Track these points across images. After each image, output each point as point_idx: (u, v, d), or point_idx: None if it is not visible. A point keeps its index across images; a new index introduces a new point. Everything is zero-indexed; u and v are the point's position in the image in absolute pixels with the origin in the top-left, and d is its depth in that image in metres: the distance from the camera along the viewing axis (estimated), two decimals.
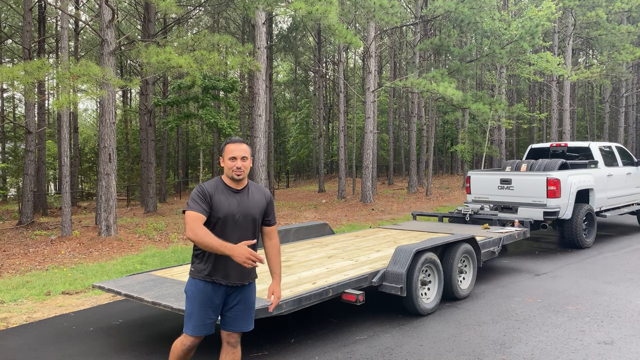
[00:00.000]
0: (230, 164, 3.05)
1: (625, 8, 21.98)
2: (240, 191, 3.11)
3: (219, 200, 3.01)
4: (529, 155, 11.15)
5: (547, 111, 29.25)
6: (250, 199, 3.11)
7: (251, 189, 3.17)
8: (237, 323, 3.14)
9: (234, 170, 3.04)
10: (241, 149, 3.07)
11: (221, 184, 3.10)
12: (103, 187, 10.90)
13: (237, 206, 3.04)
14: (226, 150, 3.08)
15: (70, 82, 9.92)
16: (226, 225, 3.01)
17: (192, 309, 3.07)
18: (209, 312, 3.07)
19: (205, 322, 3.07)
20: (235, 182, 3.09)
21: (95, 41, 27.40)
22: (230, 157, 3.05)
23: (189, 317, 3.08)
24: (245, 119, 29.62)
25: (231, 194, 3.07)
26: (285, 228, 7.15)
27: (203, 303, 3.05)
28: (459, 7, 17.04)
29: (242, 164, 3.05)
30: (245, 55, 11.93)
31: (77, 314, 5.63)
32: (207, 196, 2.99)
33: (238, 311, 3.13)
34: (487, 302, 5.69)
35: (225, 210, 3.00)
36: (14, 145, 31.90)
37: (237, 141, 3.10)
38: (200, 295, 3.05)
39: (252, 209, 3.09)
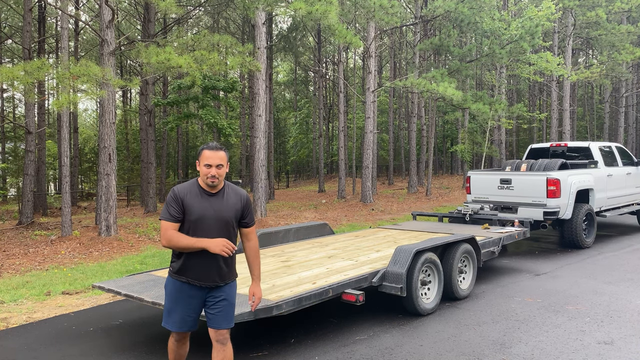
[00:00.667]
0: (205, 171, 3.06)
1: (625, 8, 21.98)
2: (215, 194, 3.13)
3: (191, 204, 3.05)
4: (529, 155, 11.14)
5: (547, 111, 29.26)
6: (224, 202, 3.12)
7: (227, 191, 3.18)
8: (218, 320, 3.16)
9: (209, 177, 3.06)
10: (217, 157, 3.06)
11: (196, 187, 3.12)
12: (103, 187, 10.90)
13: (210, 209, 3.06)
14: (202, 156, 3.08)
15: (70, 82, 9.92)
16: (199, 228, 3.04)
17: (170, 305, 3.16)
18: (187, 309, 3.13)
19: (185, 320, 3.15)
20: (210, 187, 3.12)
21: (95, 41, 27.40)
22: (205, 164, 3.06)
23: (168, 313, 3.17)
24: (245, 119, 29.61)
25: (205, 197, 3.10)
26: (285, 228, 7.15)
27: (179, 301, 3.13)
28: (459, 7, 17.04)
29: (217, 172, 3.06)
30: (245, 55, 11.92)
31: (77, 314, 5.63)
32: (178, 200, 3.05)
33: (219, 309, 3.16)
34: (487, 302, 5.69)
35: (198, 213, 3.04)
36: (14, 145, 31.90)
37: (214, 148, 3.09)
38: (176, 294, 3.13)
39: (225, 212, 3.10)
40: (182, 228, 3.07)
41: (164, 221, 3.04)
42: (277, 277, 4.97)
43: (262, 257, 6.09)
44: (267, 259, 5.91)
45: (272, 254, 6.24)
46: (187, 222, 3.04)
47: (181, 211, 3.04)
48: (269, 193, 23.04)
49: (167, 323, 3.19)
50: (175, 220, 3.03)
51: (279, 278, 4.94)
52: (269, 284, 4.73)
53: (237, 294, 4.38)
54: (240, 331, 4.87)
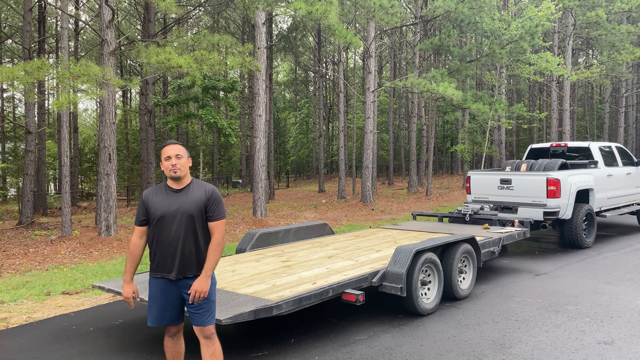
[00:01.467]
0: (166, 164, 3.22)
1: (625, 8, 21.98)
2: (181, 190, 3.26)
3: (155, 201, 3.23)
4: (529, 155, 11.14)
5: (547, 111, 29.25)
6: (188, 197, 3.23)
7: (193, 186, 3.29)
8: (196, 317, 3.24)
9: (170, 168, 3.20)
10: (174, 148, 3.25)
11: (163, 187, 3.30)
12: (103, 187, 10.89)
13: (173, 205, 3.20)
14: (162, 153, 3.27)
15: (70, 82, 9.92)
16: (162, 224, 3.19)
17: (150, 301, 3.30)
18: (164, 304, 3.26)
19: (162, 315, 3.27)
20: (175, 181, 3.25)
21: (95, 41, 27.40)
22: (165, 157, 3.23)
23: (149, 310, 3.31)
24: (245, 119, 29.63)
25: (171, 194, 3.25)
26: (285, 228, 7.15)
27: (155, 296, 3.27)
28: (459, 7, 17.04)
29: (178, 161, 3.21)
30: (245, 55, 11.92)
31: (77, 314, 5.63)
32: (143, 202, 3.27)
33: (199, 306, 3.22)
34: (487, 302, 5.69)
35: (162, 210, 3.19)
36: (14, 145, 31.91)
37: (171, 143, 3.29)
38: (152, 290, 3.29)
39: (188, 205, 3.20)
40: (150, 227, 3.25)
41: (135, 227, 3.31)
42: (277, 277, 4.98)
43: (262, 257, 6.09)
44: (267, 259, 5.91)
45: (272, 254, 6.24)
46: (153, 218, 3.21)
47: (145, 213, 3.24)
48: (269, 193, 23.04)
49: (149, 320, 3.31)
50: (140, 224, 3.27)
51: (279, 278, 4.94)
52: (269, 284, 4.73)
53: (237, 294, 4.40)
54: (240, 331, 4.87)
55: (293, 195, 26.57)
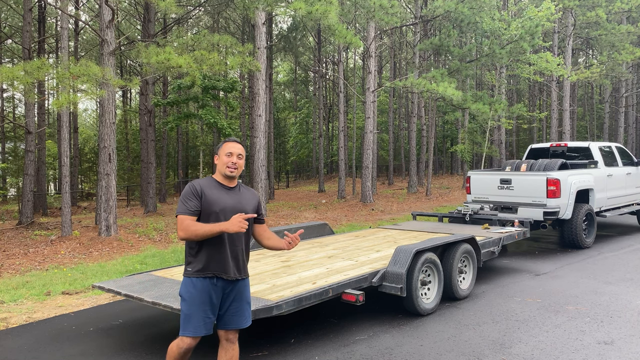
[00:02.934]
0: (225, 159, 3.13)
1: (625, 8, 21.98)
2: (233, 189, 3.19)
3: (213, 195, 3.08)
4: (529, 155, 11.14)
5: (547, 111, 29.24)
6: (243, 196, 3.21)
7: (242, 188, 3.27)
8: (236, 320, 3.18)
9: (229, 165, 3.12)
10: (239, 148, 3.20)
11: (213, 182, 3.17)
12: (103, 187, 10.89)
13: (231, 201, 3.12)
14: (224, 147, 3.18)
15: (70, 82, 9.92)
16: (223, 219, 3.04)
17: (190, 309, 3.05)
18: (207, 311, 3.07)
19: (205, 322, 3.08)
20: (228, 179, 3.17)
21: (95, 41, 27.40)
22: (227, 153, 3.14)
23: (187, 319, 3.06)
24: (245, 119, 29.62)
25: (224, 190, 3.15)
26: (285, 228, 7.14)
27: (202, 302, 3.05)
28: (459, 7, 17.04)
29: (238, 161, 3.15)
30: (245, 55, 11.92)
31: (77, 314, 5.63)
32: (198, 193, 3.06)
33: (235, 308, 3.16)
34: (487, 302, 5.69)
35: (221, 205, 3.07)
36: (14, 145, 31.91)
37: (236, 141, 3.22)
38: (198, 295, 3.05)
39: (246, 205, 3.17)
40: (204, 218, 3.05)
41: (182, 215, 3.02)
42: (277, 277, 4.97)
43: (262, 257, 6.09)
44: (267, 259, 5.91)
45: (272, 254, 6.24)
46: (210, 212, 3.04)
47: (199, 205, 3.04)
48: (269, 193, 23.04)
49: (187, 330, 3.05)
50: (193, 214, 3.03)
51: (279, 278, 4.94)
52: (269, 284, 4.73)
53: None
54: (240, 331, 4.87)
55: (293, 195, 26.57)
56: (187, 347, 3.10)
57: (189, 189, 3.08)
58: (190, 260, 3.11)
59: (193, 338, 3.08)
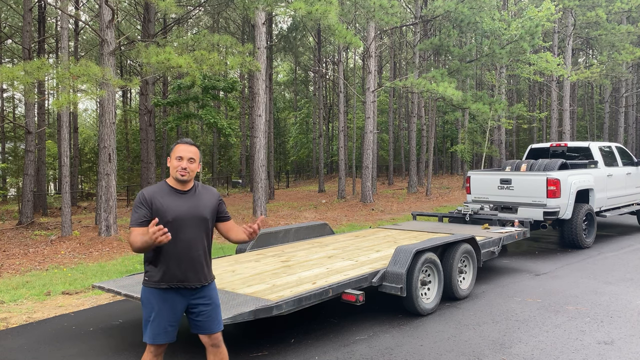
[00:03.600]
0: (176, 164, 2.99)
1: (625, 8, 21.98)
2: (187, 192, 3.05)
3: (164, 203, 2.94)
4: (529, 155, 11.14)
5: (547, 111, 29.25)
6: (198, 200, 3.05)
7: (198, 189, 3.11)
8: (209, 325, 3.07)
9: (179, 170, 2.97)
10: (190, 151, 3.01)
11: (165, 187, 3.03)
12: (103, 187, 10.90)
13: (185, 207, 2.97)
14: (175, 150, 3.03)
15: (70, 82, 9.92)
16: (176, 228, 2.92)
17: (150, 316, 2.98)
18: (170, 319, 2.98)
19: (166, 331, 2.99)
20: (181, 183, 3.02)
21: (95, 41, 27.40)
22: (177, 157, 2.99)
23: (146, 325, 3.00)
24: (245, 119, 29.64)
25: (178, 195, 3.00)
26: (285, 228, 7.15)
27: (161, 311, 2.96)
28: (459, 7, 17.04)
29: (188, 166, 2.99)
30: (245, 55, 11.92)
31: (77, 314, 5.62)
32: (147, 202, 2.93)
33: (207, 313, 3.06)
34: (487, 302, 5.69)
35: (174, 213, 2.93)
36: (14, 145, 31.91)
37: (187, 142, 3.04)
38: (157, 305, 2.96)
39: (202, 209, 3.03)
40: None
41: (132, 227, 2.88)
42: (277, 277, 4.97)
43: (262, 257, 6.09)
44: (267, 259, 5.91)
45: (272, 254, 6.24)
46: (163, 221, 2.89)
47: (150, 214, 2.91)
48: (269, 193, 23.04)
49: (149, 337, 2.98)
50: (142, 225, 2.88)
51: (279, 278, 4.94)
52: (269, 284, 4.73)
53: (237, 294, 4.40)
54: (240, 331, 4.87)
55: (293, 195, 26.57)
56: (155, 354, 3.03)
57: (138, 198, 2.95)
58: (148, 269, 3.00)
59: (155, 346, 3.01)
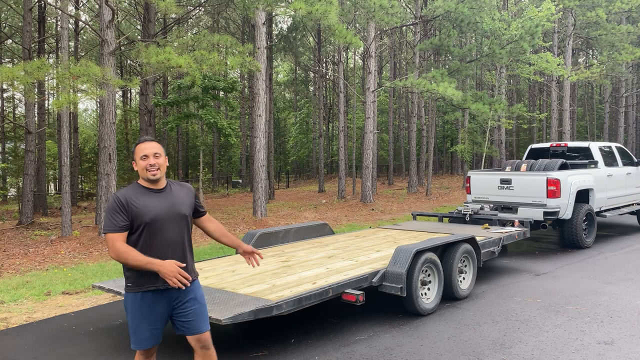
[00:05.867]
0: (142, 164, 2.88)
1: (625, 8, 21.98)
2: (162, 190, 2.95)
3: (140, 204, 2.84)
4: (529, 155, 11.14)
5: (547, 111, 29.25)
6: (175, 197, 2.97)
7: (172, 186, 3.03)
8: (197, 325, 2.98)
9: (148, 168, 2.87)
10: (152, 147, 2.91)
11: (139, 188, 2.93)
12: (103, 187, 10.89)
13: (163, 206, 2.89)
14: (136, 151, 2.92)
15: (70, 82, 9.92)
16: (155, 228, 2.85)
17: (134, 323, 2.91)
18: (154, 322, 2.91)
19: (153, 334, 2.92)
20: (153, 182, 2.92)
21: (95, 41, 27.40)
22: (141, 156, 2.89)
23: (133, 332, 2.93)
24: (245, 119, 29.64)
25: (153, 195, 2.91)
26: (285, 228, 7.15)
27: (145, 316, 2.88)
28: (459, 7, 17.04)
29: (156, 161, 2.89)
30: (245, 55, 11.92)
31: (77, 314, 5.63)
32: (123, 205, 2.82)
33: (193, 312, 2.96)
34: (487, 302, 5.69)
35: (152, 213, 2.84)
36: (14, 145, 31.90)
37: (147, 140, 2.94)
38: (141, 309, 2.88)
39: (179, 205, 2.95)
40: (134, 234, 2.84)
41: (111, 234, 2.78)
42: (277, 277, 4.97)
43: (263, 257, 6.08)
44: (267, 259, 5.91)
45: (272, 254, 6.24)
46: (140, 223, 2.81)
47: (128, 217, 2.81)
48: (269, 193, 23.04)
49: (135, 343, 2.92)
50: (122, 230, 2.79)
51: (279, 278, 4.94)
52: (269, 284, 4.73)
53: (237, 294, 4.40)
54: (240, 331, 4.87)
55: (293, 195, 26.56)
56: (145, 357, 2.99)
57: (113, 202, 2.83)
58: (128, 275, 2.90)
59: (143, 351, 2.96)
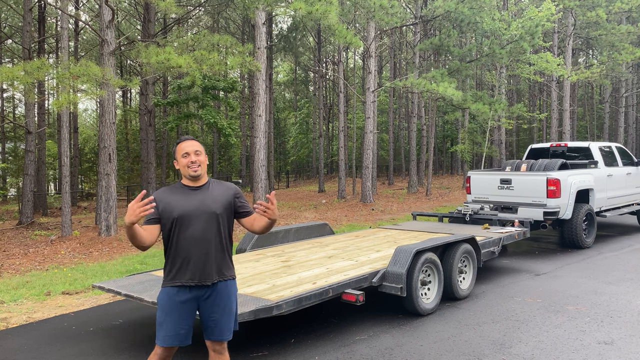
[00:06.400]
0: (184, 162, 2.97)
1: (625, 8, 21.98)
2: (200, 188, 3.02)
3: (172, 201, 2.94)
4: (529, 155, 11.14)
5: (547, 111, 29.25)
6: (209, 195, 3.01)
7: (212, 185, 3.07)
8: (216, 331, 2.99)
9: (189, 165, 2.96)
10: (193, 144, 3.00)
11: (178, 186, 3.03)
12: (103, 187, 10.89)
13: (194, 203, 2.95)
14: (177, 149, 3.02)
15: (70, 82, 9.92)
16: (183, 224, 2.91)
17: (162, 317, 2.94)
18: (180, 320, 2.93)
19: (178, 332, 2.92)
20: (193, 179, 3.00)
21: (95, 41, 27.41)
22: (183, 154, 2.98)
23: (159, 327, 2.95)
24: (245, 119, 29.64)
25: (190, 192, 2.99)
26: (285, 228, 7.15)
27: (172, 311, 2.92)
28: (459, 7, 17.04)
29: (197, 158, 2.97)
30: (245, 55, 11.93)
31: (77, 314, 5.63)
32: (155, 201, 2.92)
33: (215, 318, 2.98)
34: (487, 302, 5.69)
35: (180, 209, 2.92)
36: (14, 145, 31.91)
37: (187, 139, 3.03)
38: (169, 303, 2.93)
39: (211, 203, 2.98)
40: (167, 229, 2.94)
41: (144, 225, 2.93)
42: (277, 277, 4.98)
43: (262, 257, 6.09)
44: (267, 259, 5.91)
45: (272, 254, 6.24)
46: (169, 219, 2.92)
47: (157, 212, 2.92)
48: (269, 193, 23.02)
49: (158, 338, 2.94)
50: (147, 222, 2.91)
51: (279, 278, 4.94)
52: (269, 284, 4.73)
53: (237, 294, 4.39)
54: (241, 331, 4.87)
55: (293, 195, 26.56)
56: (159, 357, 2.97)
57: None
58: (164, 267, 3.02)
59: (164, 348, 2.95)
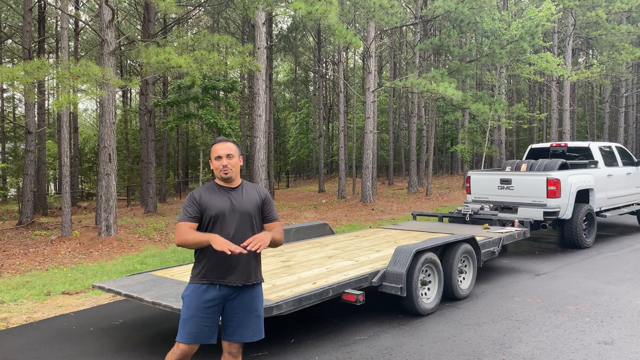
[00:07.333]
0: (216, 164, 3.07)
1: (625, 8, 21.97)
2: (234, 189, 3.11)
3: (209, 200, 3.03)
4: (529, 155, 11.14)
5: (547, 111, 29.25)
6: (244, 196, 3.10)
7: (245, 187, 3.16)
8: (239, 332, 3.01)
9: (221, 169, 3.05)
10: (225, 147, 3.07)
11: (213, 185, 3.13)
12: (103, 187, 10.89)
13: (229, 203, 3.04)
14: (212, 151, 3.10)
15: (70, 82, 9.92)
16: (220, 222, 2.99)
17: (187, 314, 2.97)
18: (205, 319, 2.95)
19: (201, 329, 2.95)
20: (226, 181, 3.09)
21: (95, 41, 27.40)
22: (215, 157, 3.07)
23: (183, 324, 2.97)
24: (245, 119, 29.63)
25: (224, 192, 3.08)
26: (286, 228, 7.15)
27: (198, 308, 2.95)
28: (459, 7, 17.04)
29: (228, 162, 3.05)
30: (245, 55, 11.92)
31: (77, 314, 5.63)
32: (196, 199, 3.03)
33: (240, 319, 3.00)
34: (487, 302, 5.69)
35: (217, 208, 3.00)
36: (14, 145, 31.90)
37: (222, 140, 3.11)
38: (195, 300, 2.96)
39: (245, 204, 3.07)
40: (204, 226, 3.01)
41: (181, 222, 2.99)
42: (277, 277, 4.98)
43: (262, 257, 6.08)
44: (267, 259, 5.91)
45: (272, 254, 6.24)
46: (207, 217, 3.00)
47: (199, 210, 3.01)
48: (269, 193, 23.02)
49: (181, 335, 2.96)
50: (190, 219, 2.99)
51: (279, 278, 4.94)
52: (269, 284, 4.73)
53: None
54: None
55: (293, 195, 26.57)
56: (180, 354, 2.98)
57: (188, 198, 3.08)
58: (195, 265, 3.07)
59: (187, 345, 2.96)
